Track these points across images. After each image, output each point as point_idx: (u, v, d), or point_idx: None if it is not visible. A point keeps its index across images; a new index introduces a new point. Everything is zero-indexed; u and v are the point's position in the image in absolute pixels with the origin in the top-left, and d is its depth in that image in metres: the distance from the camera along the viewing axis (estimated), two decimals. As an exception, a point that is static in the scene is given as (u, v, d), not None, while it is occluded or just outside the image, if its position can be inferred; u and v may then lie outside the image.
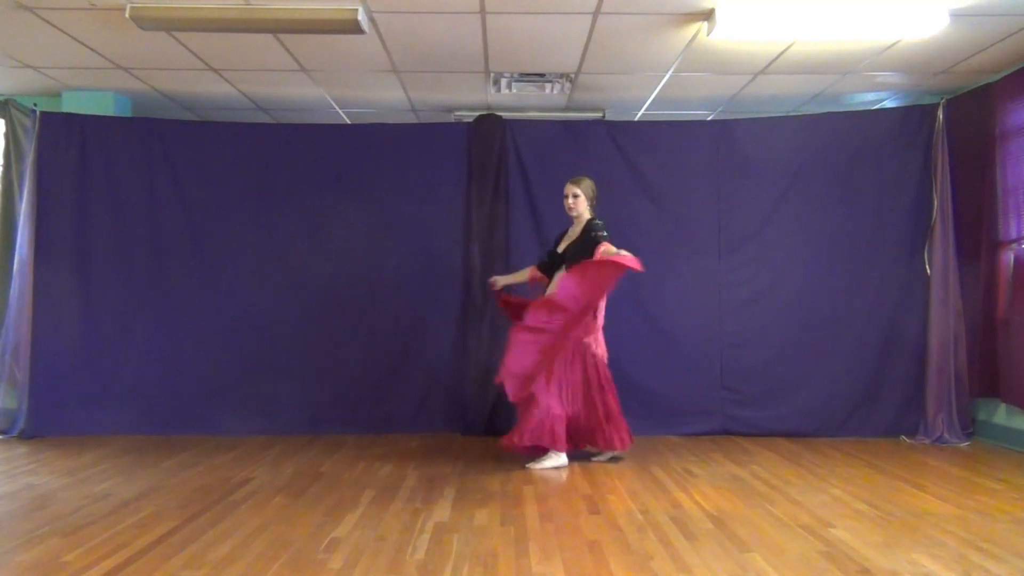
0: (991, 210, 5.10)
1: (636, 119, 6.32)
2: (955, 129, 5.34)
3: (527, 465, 4.40)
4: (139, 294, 5.54)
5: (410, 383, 5.56)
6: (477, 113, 5.83)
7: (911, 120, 5.46)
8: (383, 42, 4.69)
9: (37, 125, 5.46)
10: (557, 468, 4.41)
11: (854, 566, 2.80)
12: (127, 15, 4.11)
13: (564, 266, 4.54)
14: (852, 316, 5.46)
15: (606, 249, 4.39)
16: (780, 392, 5.47)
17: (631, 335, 5.52)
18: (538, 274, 4.79)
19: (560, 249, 4.64)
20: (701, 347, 5.53)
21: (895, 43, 4.68)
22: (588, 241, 4.48)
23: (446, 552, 2.94)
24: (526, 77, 5.37)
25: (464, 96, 5.83)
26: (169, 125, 5.72)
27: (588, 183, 4.65)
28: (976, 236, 5.21)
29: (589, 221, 4.57)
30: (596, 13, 4.27)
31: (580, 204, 4.59)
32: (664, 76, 5.35)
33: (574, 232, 4.62)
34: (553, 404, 4.38)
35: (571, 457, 4.74)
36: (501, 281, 4.89)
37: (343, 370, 5.57)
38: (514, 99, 5.83)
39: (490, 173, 5.60)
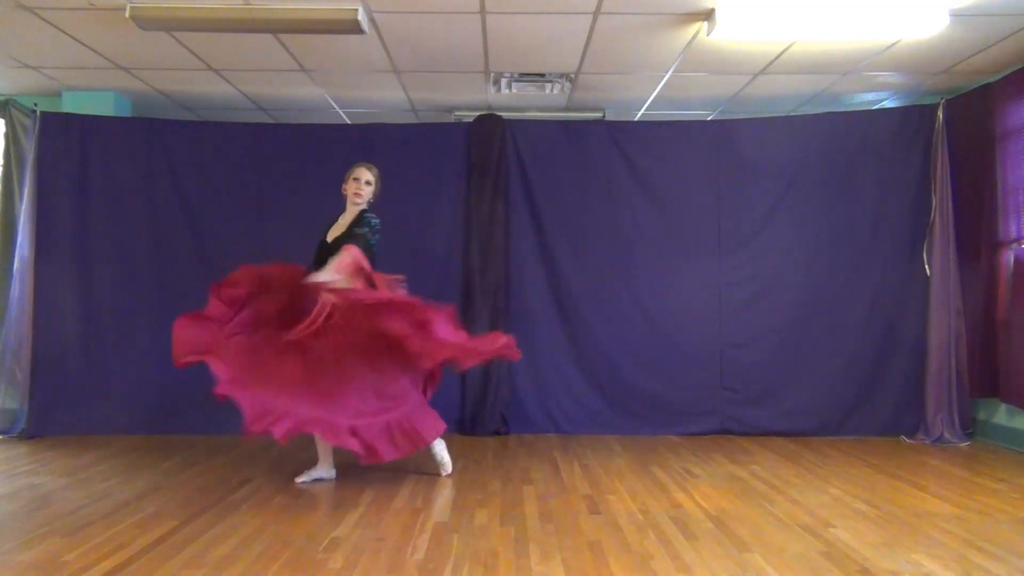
0: (991, 210, 5.10)
1: (636, 119, 6.32)
2: (955, 129, 5.34)
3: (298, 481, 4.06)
4: (139, 294, 5.54)
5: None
6: (477, 113, 5.83)
7: (911, 120, 5.46)
8: (383, 42, 4.69)
9: (37, 125, 5.46)
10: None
11: (854, 566, 2.80)
12: (127, 15, 4.11)
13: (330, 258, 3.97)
14: (852, 316, 5.46)
15: (347, 254, 3.90)
16: (780, 392, 5.48)
17: (631, 335, 5.54)
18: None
19: (329, 239, 4.15)
20: (701, 347, 5.54)
21: (895, 43, 4.68)
22: (351, 235, 4.03)
23: (446, 552, 2.94)
24: (526, 77, 5.36)
25: (464, 96, 5.83)
26: (169, 125, 5.72)
27: (378, 173, 4.25)
28: (976, 236, 5.21)
29: (363, 213, 4.15)
30: (596, 13, 4.27)
31: (368, 192, 4.19)
32: (664, 76, 5.35)
33: (345, 220, 4.17)
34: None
35: (569, 457, 4.75)
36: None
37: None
38: (514, 99, 5.83)
39: (490, 173, 5.60)
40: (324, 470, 4.14)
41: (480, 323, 5.49)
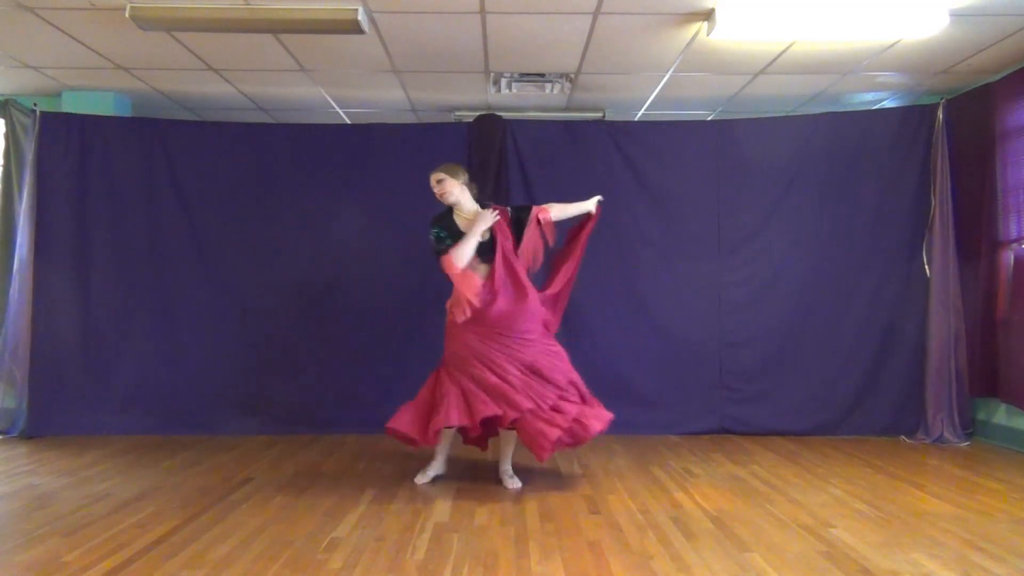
0: (991, 210, 5.10)
1: (636, 119, 6.32)
2: (955, 129, 5.34)
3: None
4: (139, 294, 5.54)
5: (410, 383, 5.53)
6: (477, 113, 5.83)
7: (911, 120, 5.46)
8: (383, 42, 4.69)
9: (37, 125, 5.45)
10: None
11: (854, 566, 2.80)
12: (127, 15, 4.11)
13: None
14: (851, 316, 5.46)
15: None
16: (779, 391, 5.48)
17: (631, 335, 5.54)
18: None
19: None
20: (701, 346, 5.54)
21: (895, 43, 4.68)
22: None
23: (446, 552, 2.95)
24: (526, 77, 5.36)
25: (464, 96, 5.83)
26: (169, 125, 5.72)
27: (453, 168, 4.12)
28: (976, 236, 5.21)
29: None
30: (596, 13, 4.27)
31: (442, 191, 4.06)
32: (664, 76, 5.35)
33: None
34: None
35: (569, 457, 4.75)
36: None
37: (343, 370, 5.56)
38: (514, 99, 5.83)
39: (490, 173, 5.59)
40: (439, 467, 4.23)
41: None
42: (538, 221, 4.16)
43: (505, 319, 3.95)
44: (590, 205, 4.31)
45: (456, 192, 4.08)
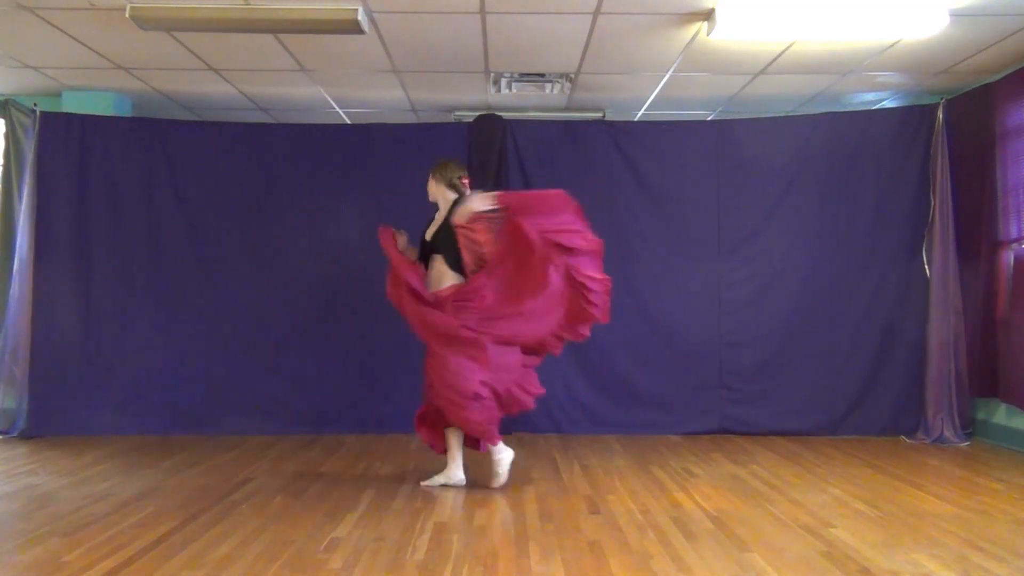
0: (991, 210, 5.09)
1: (636, 119, 6.32)
2: (955, 129, 5.34)
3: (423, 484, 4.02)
4: (139, 294, 5.54)
5: (410, 383, 5.54)
6: (477, 113, 5.83)
7: (911, 120, 5.46)
8: (383, 42, 4.69)
9: (37, 125, 5.45)
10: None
11: (854, 566, 2.80)
12: (127, 15, 4.11)
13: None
14: (851, 315, 5.47)
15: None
16: (779, 391, 5.48)
17: (630, 335, 5.54)
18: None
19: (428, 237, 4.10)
20: (701, 346, 5.54)
21: (895, 43, 4.68)
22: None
23: (446, 552, 2.94)
24: (526, 77, 5.36)
25: (464, 96, 5.83)
26: (169, 125, 5.72)
27: (434, 168, 4.10)
28: (976, 236, 5.21)
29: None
30: (596, 13, 4.27)
31: (429, 190, 4.12)
32: (664, 76, 5.35)
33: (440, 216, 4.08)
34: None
35: (569, 457, 4.76)
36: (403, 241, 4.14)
37: (343, 370, 5.56)
38: (514, 99, 5.82)
39: (490, 173, 5.59)
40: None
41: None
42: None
43: (414, 328, 4.06)
44: (474, 202, 3.88)
45: (431, 192, 4.14)
